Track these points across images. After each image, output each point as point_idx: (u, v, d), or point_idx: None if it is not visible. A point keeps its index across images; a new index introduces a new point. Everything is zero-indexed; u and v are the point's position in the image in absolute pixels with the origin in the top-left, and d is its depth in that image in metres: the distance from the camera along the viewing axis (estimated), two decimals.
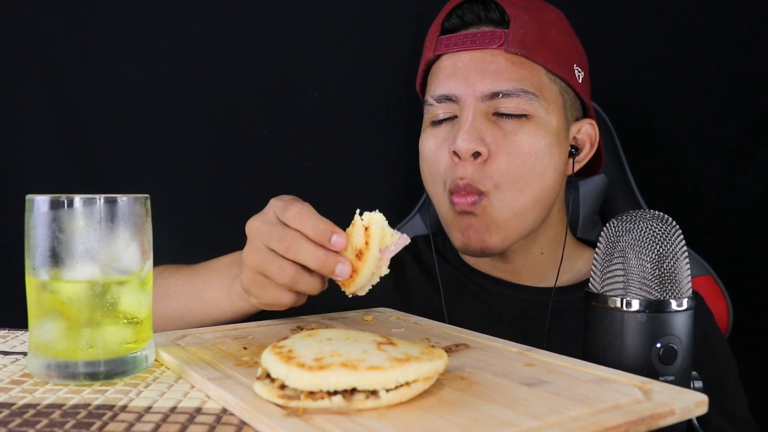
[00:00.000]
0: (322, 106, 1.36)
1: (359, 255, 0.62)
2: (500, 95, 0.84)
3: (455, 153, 0.84)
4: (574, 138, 0.92)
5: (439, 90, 0.87)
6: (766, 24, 1.27)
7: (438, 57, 0.90)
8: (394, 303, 0.94)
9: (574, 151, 0.91)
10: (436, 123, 0.89)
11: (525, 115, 0.84)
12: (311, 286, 0.64)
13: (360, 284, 0.63)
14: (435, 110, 0.88)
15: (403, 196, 1.36)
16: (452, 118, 0.87)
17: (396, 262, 1.00)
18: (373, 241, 0.61)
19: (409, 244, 1.03)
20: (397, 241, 0.62)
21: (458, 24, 0.88)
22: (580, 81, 0.89)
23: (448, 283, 0.96)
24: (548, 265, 0.95)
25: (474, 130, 0.83)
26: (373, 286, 0.65)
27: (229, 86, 1.35)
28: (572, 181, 0.93)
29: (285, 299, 0.66)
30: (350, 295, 0.65)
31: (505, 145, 0.84)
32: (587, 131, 0.93)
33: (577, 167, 0.92)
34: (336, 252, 0.62)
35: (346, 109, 1.37)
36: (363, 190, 1.38)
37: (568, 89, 0.89)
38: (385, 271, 0.63)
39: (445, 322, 0.91)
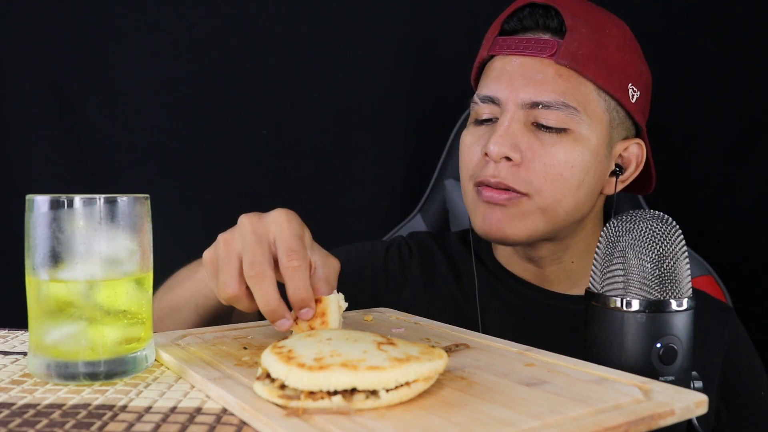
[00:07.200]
0: (322, 106, 1.36)
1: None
2: (540, 106, 0.83)
3: (487, 154, 0.84)
4: (620, 156, 0.90)
5: (484, 91, 0.88)
6: (767, 24, 1.27)
7: (491, 57, 0.90)
8: (421, 301, 0.95)
9: (618, 170, 0.89)
10: (479, 122, 0.90)
11: (564, 129, 0.84)
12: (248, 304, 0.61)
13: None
14: (479, 109, 0.89)
15: (403, 196, 1.36)
16: (494, 119, 0.88)
17: (427, 257, 1.00)
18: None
19: (441, 238, 1.05)
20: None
21: (517, 27, 0.88)
22: (633, 100, 0.87)
23: (479, 283, 0.96)
24: (579, 273, 0.95)
25: (508, 135, 0.83)
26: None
27: (229, 86, 1.35)
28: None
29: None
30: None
31: (542, 154, 0.83)
32: (634, 152, 0.90)
33: (620, 187, 0.91)
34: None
35: (346, 109, 1.37)
36: (363, 190, 1.38)
37: (618, 107, 0.87)
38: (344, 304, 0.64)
39: (477, 326, 0.92)
